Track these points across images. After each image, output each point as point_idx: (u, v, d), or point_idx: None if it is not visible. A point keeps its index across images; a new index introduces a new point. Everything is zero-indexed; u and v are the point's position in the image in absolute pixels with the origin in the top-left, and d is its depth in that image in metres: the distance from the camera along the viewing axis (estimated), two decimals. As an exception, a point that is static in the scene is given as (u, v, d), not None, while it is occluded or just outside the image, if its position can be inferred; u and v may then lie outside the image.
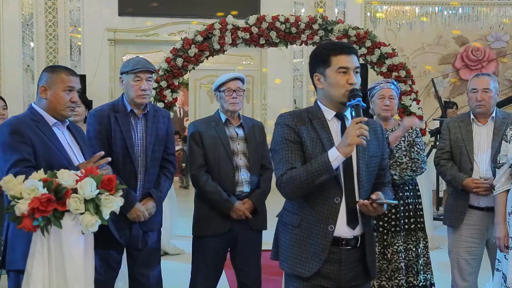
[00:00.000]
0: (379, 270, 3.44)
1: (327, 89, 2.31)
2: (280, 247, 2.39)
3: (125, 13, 8.84)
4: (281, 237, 2.39)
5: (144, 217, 3.22)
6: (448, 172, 3.55)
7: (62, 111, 2.72)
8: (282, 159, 2.28)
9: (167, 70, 5.95)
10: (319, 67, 2.32)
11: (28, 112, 2.76)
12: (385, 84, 3.61)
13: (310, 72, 2.41)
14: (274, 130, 2.36)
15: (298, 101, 9.67)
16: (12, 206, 2.29)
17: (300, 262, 2.30)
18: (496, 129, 3.49)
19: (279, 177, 2.28)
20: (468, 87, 3.61)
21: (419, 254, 3.50)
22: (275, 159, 2.32)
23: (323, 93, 2.35)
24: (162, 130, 3.35)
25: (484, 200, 3.43)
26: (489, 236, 3.46)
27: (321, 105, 2.36)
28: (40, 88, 2.73)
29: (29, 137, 2.59)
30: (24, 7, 8.69)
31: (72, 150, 2.74)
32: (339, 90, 2.27)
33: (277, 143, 2.32)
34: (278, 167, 2.30)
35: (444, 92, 9.16)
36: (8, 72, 8.67)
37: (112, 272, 3.28)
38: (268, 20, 6.03)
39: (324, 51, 2.32)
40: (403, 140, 3.55)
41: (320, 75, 2.32)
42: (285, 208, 2.41)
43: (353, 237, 2.31)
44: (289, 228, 2.35)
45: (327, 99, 2.34)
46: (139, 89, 3.22)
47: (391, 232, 3.48)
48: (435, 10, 9.30)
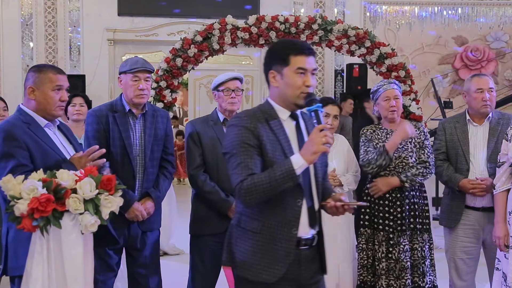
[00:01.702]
0: (387, 269, 3.44)
1: (282, 88, 2.27)
2: (237, 253, 2.30)
3: (124, 13, 8.84)
4: (239, 243, 2.29)
5: (143, 216, 3.22)
6: (444, 173, 3.55)
7: (52, 111, 2.69)
8: (240, 164, 2.18)
9: (167, 70, 5.95)
10: (276, 65, 2.27)
11: (17, 114, 2.70)
12: (388, 85, 3.59)
13: (264, 67, 2.33)
14: (228, 132, 2.26)
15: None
16: (12, 206, 2.29)
17: (264, 268, 2.24)
18: (491, 129, 3.49)
19: (239, 184, 2.16)
20: (468, 88, 3.55)
21: (425, 255, 3.49)
22: (232, 163, 2.20)
23: (277, 92, 2.29)
24: (161, 130, 3.35)
25: (480, 200, 3.44)
26: (486, 235, 3.46)
27: (274, 104, 2.32)
28: (27, 89, 2.68)
29: (23, 141, 2.55)
30: (23, 7, 8.69)
31: (66, 150, 2.72)
32: (295, 90, 2.25)
33: (234, 146, 2.21)
34: (235, 172, 2.18)
35: (443, 92, 9.16)
36: (8, 72, 8.66)
37: (111, 272, 3.28)
38: (267, 20, 6.03)
39: (283, 49, 2.28)
40: (409, 141, 3.53)
41: (276, 73, 2.27)
42: (242, 214, 2.31)
43: (311, 237, 2.32)
44: (249, 234, 2.27)
45: (281, 98, 2.29)
46: (137, 88, 3.22)
47: (397, 231, 3.47)
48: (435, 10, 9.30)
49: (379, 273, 3.46)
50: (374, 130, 3.62)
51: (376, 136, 3.59)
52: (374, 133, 3.61)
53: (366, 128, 3.66)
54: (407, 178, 3.46)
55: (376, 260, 3.48)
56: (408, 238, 3.47)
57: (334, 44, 6.08)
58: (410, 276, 3.44)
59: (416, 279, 3.46)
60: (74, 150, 2.78)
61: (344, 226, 3.62)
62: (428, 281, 3.49)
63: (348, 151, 3.76)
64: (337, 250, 3.56)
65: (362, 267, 3.54)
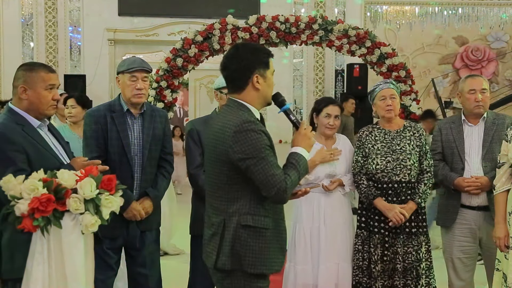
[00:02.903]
0: (383, 271, 3.45)
1: (264, 90, 2.42)
2: (247, 253, 2.35)
3: (125, 13, 8.84)
4: (251, 243, 2.35)
5: (141, 216, 3.22)
6: (440, 172, 3.57)
7: (45, 111, 2.65)
8: (273, 166, 2.29)
9: (167, 70, 5.95)
10: (260, 68, 2.39)
11: (9, 115, 2.62)
12: (384, 84, 3.59)
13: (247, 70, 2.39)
14: (244, 137, 2.29)
15: (298, 101, 9.66)
16: (12, 206, 2.29)
17: (274, 260, 2.41)
18: (487, 129, 3.52)
19: (283, 183, 2.28)
20: (462, 88, 3.59)
21: (420, 258, 3.48)
22: (263, 166, 2.28)
23: (258, 94, 2.42)
24: (159, 130, 3.35)
25: (476, 199, 3.46)
26: (482, 234, 3.47)
27: (250, 106, 2.41)
28: (19, 88, 2.61)
29: (20, 144, 2.50)
30: (24, 7, 8.69)
31: (59, 152, 2.70)
32: (271, 91, 2.46)
33: (260, 150, 2.29)
34: (274, 173, 2.28)
35: (444, 92, 9.16)
36: (8, 72, 8.66)
37: (111, 271, 3.28)
38: (268, 20, 6.04)
39: (264, 53, 2.43)
40: (408, 143, 3.52)
41: (260, 76, 2.39)
42: (250, 213, 2.36)
43: None
44: (262, 231, 2.36)
45: (260, 99, 2.43)
46: (134, 88, 3.22)
47: (392, 233, 3.48)
48: (435, 10, 9.29)
49: (375, 275, 3.46)
50: (371, 131, 3.61)
51: (372, 138, 3.58)
52: (370, 134, 3.60)
53: (363, 130, 3.66)
54: (421, 198, 3.48)
55: (372, 263, 3.49)
56: (401, 242, 3.47)
57: (335, 44, 6.09)
58: (402, 279, 3.44)
59: (409, 282, 3.45)
60: (64, 151, 2.75)
61: (345, 226, 3.62)
62: (424, 283, 3.48)
63: (350, 151, 3.76)
64: (337, 250, 3.56)
65: (357, 268, 3.54)
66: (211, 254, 2.41)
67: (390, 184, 3.47)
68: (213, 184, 2.43)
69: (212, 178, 2.43)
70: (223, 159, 2.34)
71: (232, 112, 2.39)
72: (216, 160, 2.38)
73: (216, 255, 2.38)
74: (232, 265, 2.36)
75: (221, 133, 2.35)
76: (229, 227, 2.37)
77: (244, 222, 2.35)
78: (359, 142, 3.62)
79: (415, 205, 3.47)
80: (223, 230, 2.38)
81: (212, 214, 2.45)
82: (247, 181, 2.33)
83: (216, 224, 2.40)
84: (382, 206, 3.45)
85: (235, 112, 2.38)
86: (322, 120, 3.65)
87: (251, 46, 2.56)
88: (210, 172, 2.45)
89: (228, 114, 2.40)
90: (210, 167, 2.44)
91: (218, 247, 2.38)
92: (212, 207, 2.45)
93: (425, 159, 3.52)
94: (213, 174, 2.42)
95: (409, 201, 3.47)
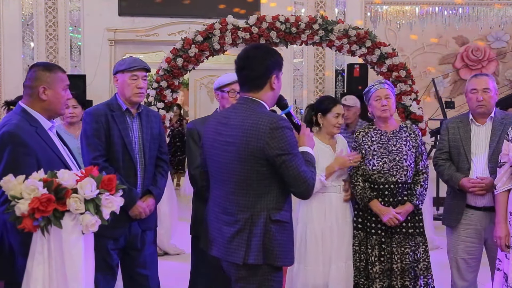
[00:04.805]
0: (381, 272, 3.45)
1: (278, 90, 2.57)
2: (274, 247, 2.44)
3: (125, 13, 8.83)
4: (278, 237, 2.45)
5: (145, 214, 3.24)
6: (446, 172, 3.56)
7: (61, 110, 2.71)
8: (303, 162, 2.44)
9: (167, 70, 5.95)
10: (276, 70, 2.53)
11: (22, 115, 2.62)
12: (379, 85, 3.60)
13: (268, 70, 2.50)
14: (282, 134, 2.38)
15: (299, 101, 9.65)
16: (12, 206, 2.29)
17: (292, 253, 2.56)
18: (494, 129, 3.50)
19: (312, 180, 2.44)
20: (466, 88, 3.60)
21: (418, 259, 3.48)
22: (296, 161, 2.39)
23: (273, 94, 2.54)
24: (156, 129, 3.39)
25: (481, 199, 3.44)
26: (487, 235, 3.46)
27: (266, 105, 2.52)
28: (39, 88, 2.63)
29: (32, 148, 2.50)
30: (24, 7, 8.68)
31: (66, 154, 2.71)
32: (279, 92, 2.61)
33: (293, 146, 2.42)
34: (306, 169, 2.42)
35: (444, 92, 9.15)
36: (8, 72, 8.65)
37: (112, 273, 3.27)
38: (268, 20, 6.03)
39: (279, 56, 2.57)
40: (404, 144, 3.53)
41: (276, 77, 2.53)
42: (275, 208, 2.46)
43: None
44: (285, 225, 2.50)
45: (273, 99, 2.58)
46: (135, 87, 3.24)
47: (388, 233, 3.48)
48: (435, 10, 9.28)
49: (373, 276, 3.46)
50: (367, 132, 3.62)
51: (368, 138, 3.58)
52: (366, 135, 3.60)
53: (359, 131, 3.67)
54: (418, 200, 3.49)
55: (369, 264, 3.49)
56: (396, 242, 3.47)
57: (335, 44, 6.08)
58: (400, 280, 3.44)
59: (407, 283, 3.45)
60: (69, 152, 2.77)
61: (346, 226, 3.62)
62: (422, 284, 3.48)
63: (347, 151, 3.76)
64: (338, 250, 3.55)
65: (355, 269, 3.54)
66: (237, 251, 2.42)
67: (387, 185, 3.48)
68: (240, 181, 2.44)
69: (238, 175, 2.44)
70: (257, 156, 2.38)
71: (250, 109, 2.45)
72: (247, 157, 2.39)
73: (244, 251, 2.40)
74: (264, 260, 2.41)
75: (255, 130, 2.38)
76: (258, 223, 2.41)
77: (274, 217, 2.43)
78: (356, 143, 3.62)
79: (412, 207, 3.47)
80: (251, 225, 2.41)
81: (236, 211, 2.45)
82: (275, 176, 2.41)
83: (243, 221, 2.43)
84: (377, 209, 3.45)
85: (257, 110, 2.45)
86: (331, 120, 3.63)
87: (269, 47, 2.65)
88: (236, 170, 2.44)
89: (245, 111, 2.45)
90: (237, 164, 2.43)
91: (246, 242, 2.40)
92: (236, 204, 2.46)
93: (421, 160, 3.53)
94: (242, 171, 2.42)
95: (407, 202, 3.47)
